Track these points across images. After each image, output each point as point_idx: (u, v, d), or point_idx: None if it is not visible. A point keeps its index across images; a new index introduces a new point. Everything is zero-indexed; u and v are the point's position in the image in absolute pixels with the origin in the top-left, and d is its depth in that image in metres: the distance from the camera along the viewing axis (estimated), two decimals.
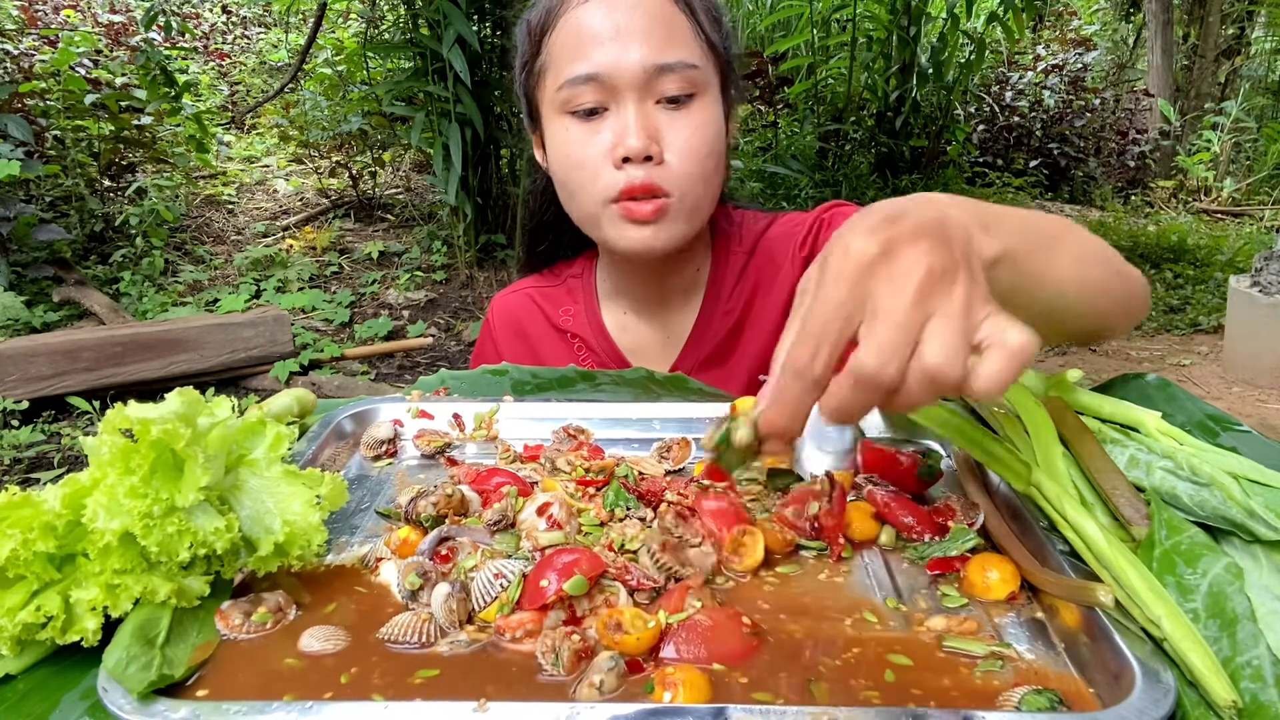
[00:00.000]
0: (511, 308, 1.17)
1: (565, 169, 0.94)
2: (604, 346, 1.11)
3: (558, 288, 1.16)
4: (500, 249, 4.80)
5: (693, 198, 0.92)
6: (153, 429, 0.52)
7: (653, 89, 0.88)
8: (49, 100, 4.54)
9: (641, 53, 0.87)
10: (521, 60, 0.98)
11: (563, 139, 0.92)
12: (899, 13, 5.92)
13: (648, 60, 0.87)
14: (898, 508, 0.65)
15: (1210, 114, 8.55)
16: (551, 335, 1.14)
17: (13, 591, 0.51)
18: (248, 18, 8.26)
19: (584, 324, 1.12)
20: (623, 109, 0.89)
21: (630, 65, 0.87)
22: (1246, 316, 3.94)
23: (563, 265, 1.18)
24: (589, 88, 0.88)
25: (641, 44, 0.87)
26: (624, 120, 0.88)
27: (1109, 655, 0.49)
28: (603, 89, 0.88)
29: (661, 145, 0.89)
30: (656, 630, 0.51)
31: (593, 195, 0.92)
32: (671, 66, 0.87)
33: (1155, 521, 0.57)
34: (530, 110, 1.01)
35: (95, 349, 3.35)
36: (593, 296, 1.13)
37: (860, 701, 0.48)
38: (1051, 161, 7.99)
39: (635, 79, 0.87)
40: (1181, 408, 0.79)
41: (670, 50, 0.88)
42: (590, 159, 0.90)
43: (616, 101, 0.89)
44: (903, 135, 6.49)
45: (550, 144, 0.96)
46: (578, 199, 0.95)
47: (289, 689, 0.49)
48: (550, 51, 0.92)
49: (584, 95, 0.89)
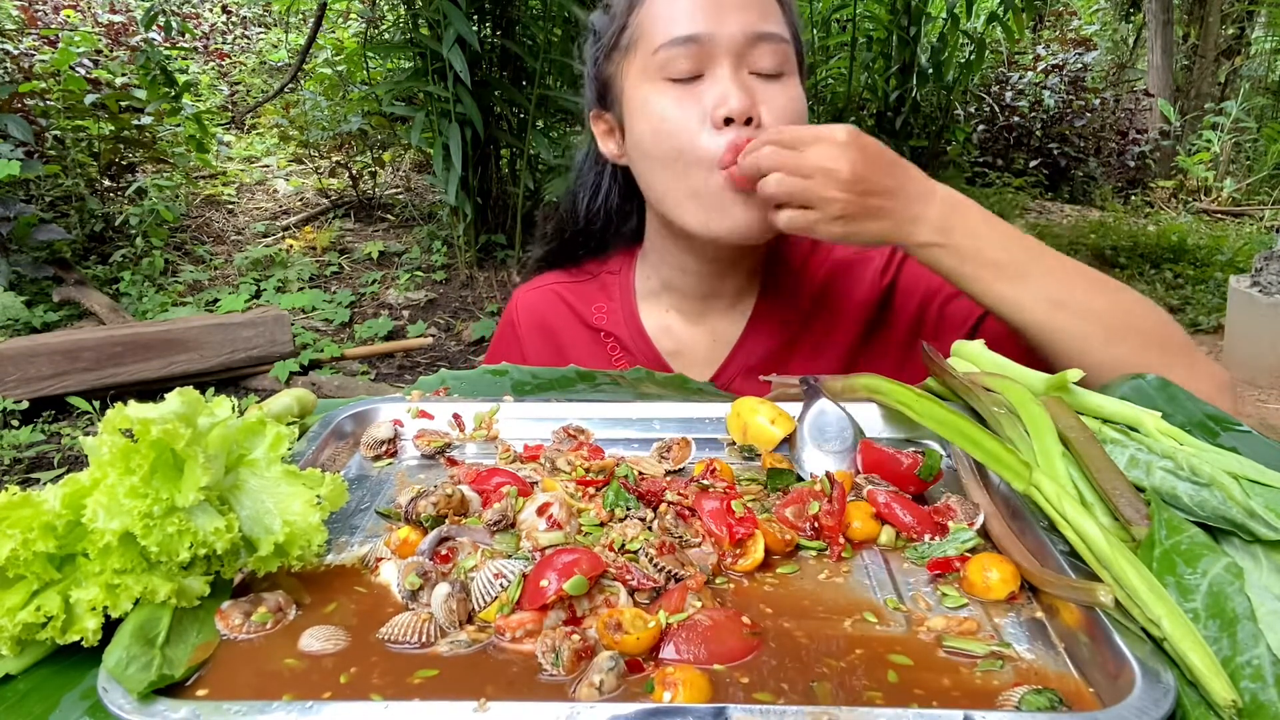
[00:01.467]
0: (537, 303, 1.14)
1: (658, 136, 0.91)
2: (641, 348, 1.07)
3: (588, 283, 1.13)
4: (500, 249, 4.80)
5: None
6: (153, 429, 0.52)
7: (748, 58, 0.89)
8: (49, 100, 4.54)
9: (741, 19, 0.88)
10: (601, 42, 0.97)
11: (656, 105, 0.90)
12: (899, 13, 5.93)
13: (748, 26, 0.88)
14: (898, 508, 0.65)
15: (1210, 114, 8.55)
16: (582, 333, 1.10)
17: (13, 591, 0.51)
18: (248, 18, 8.26)
19: (619, 322, 1.09)
20: (720, 74, 0.88)
21: (730, 29, 0.87)
22: (1246, 316, 3.95)
23: (593, 262, 1.15)
24: (687, 50, 0.88)
25: (739, 11, 0.88)
26: (723, 83, 0.88)
27: (1109, 655, 0.49)
28: (701, 53, 0.88)
29: (761, 111, 0.88)
30: (656, 630, 0.51)
31: (692, 161, 0.89)
32: (769, 35, 0.88)
33: (1155, 521, 0.57)
34: (602, 94, 1.00)
35: (95, 349, 3.36)
36: (630, 295, 1.10)
37: (861, 701, 0.48)
38: (1051, 161, 8.00)
39: (735, 43, 0.88)
40: (1181, 408, 0.79)
41: (767, 21, 0.89)
42: (688, 121, 0.88)
43: (713, 68, 0.88)
44: (903, 135, 6.49)
45: (640, 115, 0.93)
46: (670, 169, 0.91)
47: (289, 689, 0.49)
48: (641, 23, 0.92)
49: (681, 60, 0.88)
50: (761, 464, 0.76)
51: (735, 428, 0.80)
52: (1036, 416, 0.69)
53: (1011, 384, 0.74)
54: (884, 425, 0.82)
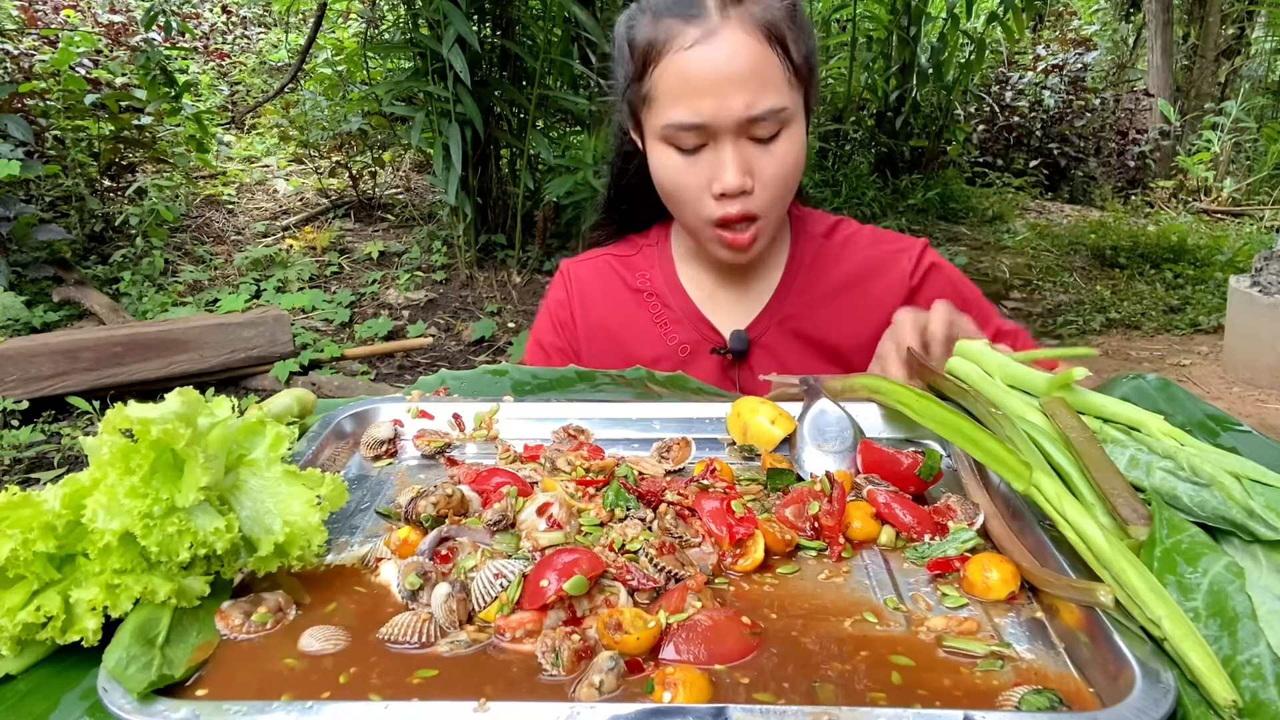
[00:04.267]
0: (587, 271, 1.25)
1: (668, 189, 1.07)
2: (680, 304, 1.20)
3: (634, 256, 1.25)
4: (500, 249, 4.80)
5: (778, 213, 1.08)
6: (153, 429, 0.52)
7: (746, 131, 1.00)
8: (49, 100, 4.53)
9: (738, 103, 0.97)
10: (625, 76, 1.08)
11: (666, 164, 1.05)
12: (899, 13, 5.93)
13: (743, 112, 0.98)
14: (898, 508, 0.65)
15: (1210, 114, 8.54)
16: (627, 296, 1.22)
17: (13, 591, 0.51)
18: (248, 18, 8.26)
19: (660, 283, 1.21)
20: (721, 148, 1.00)
21: (729, 114, 0.98)
22: (1246, 316, 3.94)
23: (636, 237, 1.28)
24: (692, 134, 1.00)
25: (739, 93, 0.97)
26: (722, 160, 1.00)
27: (1109, 655, 0.49)
28: (703, 133, 1.00)
29: (754, 179, 1.01)
30: (656, 630, 0.51)
31: (693, 215, 1.06)
32: (764, 116, 0.98)
33: (1156, 521, 0.57)
34: (632, 111, 1.11)
35: (95, 349, 3.35)
36: (669, 259, 1.23)
37: (861, 701, 0.48)
38: (1051, 161, 8.00)
39: (732, 125, 0.98)
40: (1181, 408, 0.79)
41: (763, 98, 0.98)
42: (691, 188, 1.03)
43: (715, 140, 1.00)
44: (903, 135, 6.50)
45: (654, 163, 1.08)
46: (679, 210, 1.10)
47: (289, 689, 0.49)
48: (656, 85, 1.02)
49: (686, 138, 1.01)
50: (761, 464, 0.76)
51: (735, 428, 0.80)
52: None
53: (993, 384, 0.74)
54: (884, 425, 0.82)
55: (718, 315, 1.18)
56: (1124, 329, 4.75)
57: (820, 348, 1.16)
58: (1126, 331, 4.72)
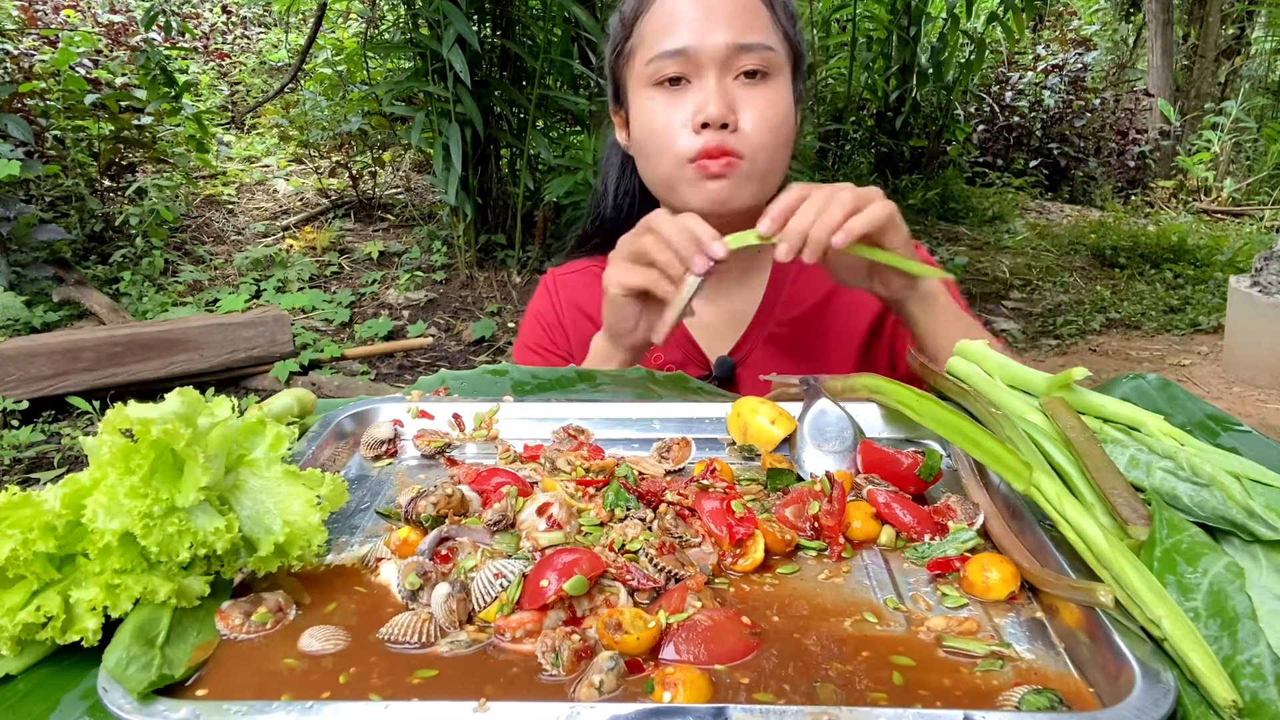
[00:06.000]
0: (572, 282, 1.23)
1: (648, 135, 1.03)
2: None
3: None
4: (500, 249, 4.80)
5: (763, 163, 1.01)
6: (153, 429, 0.52)
7: (732, 65, 0.98)
8: (49, 100, 4.54)
9: (725, 33, 0.97)
10: (613, 45, 1.08)
11: (647, 108, 1.02)
12: (899, 13, 5.93)
13: (730, 39, 0.97)
14: (898, 508, 0.65)
15: (1210, 114, 8.55)
16: None
17: (13, 591, 0.51)
18: (248, 18, 8.26)
19: None
20: (704, 81, 0.98)
21: (714, 42, 0.97)
22: (1246, 316, 3.95)
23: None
24: (675, 61, 0.98)
25: (725, 26, 0.97)
26: (705, 91, 0.98)
27: (1109, 655, 0.49)
28: (688, 63, 0.98)
29: (737, 115, 0.98)
30: (656, 630, 0.51)
31: (671, 157, 1.01)
32: (751, 46, 0.97)
33: (1156, 520, 0.57)
34: (616, 90, 1.11)
35: (95, 349, 3.35)
36: None
37: (862, 701, 0.48)
38: (1051, 161, 8.00)
39: (718, 54, 0.97)
40: (1181, 408, 0.79)
41: (751, 34, 0.98)
42: (672, 124, 1.00)
43: (699, 75, 0.99)
44: (903, 135, 6.50)
45: (635, 115, 1.05)
46: (656, 162, 1.04)
47: (289, 689, 0.49)
48: (641, 33, 1.02)
49: (670, 67, 0.99)
50: (761, 464, 0.76)
51: (735, 428, 0.80)
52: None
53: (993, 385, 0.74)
54: (884, 425, 0.82)
55: (703, 333, 1.15)
56: (1124, 329, 4.75)
57: (808, 364, 1.14)
58: (1126, 331, 4.72)
